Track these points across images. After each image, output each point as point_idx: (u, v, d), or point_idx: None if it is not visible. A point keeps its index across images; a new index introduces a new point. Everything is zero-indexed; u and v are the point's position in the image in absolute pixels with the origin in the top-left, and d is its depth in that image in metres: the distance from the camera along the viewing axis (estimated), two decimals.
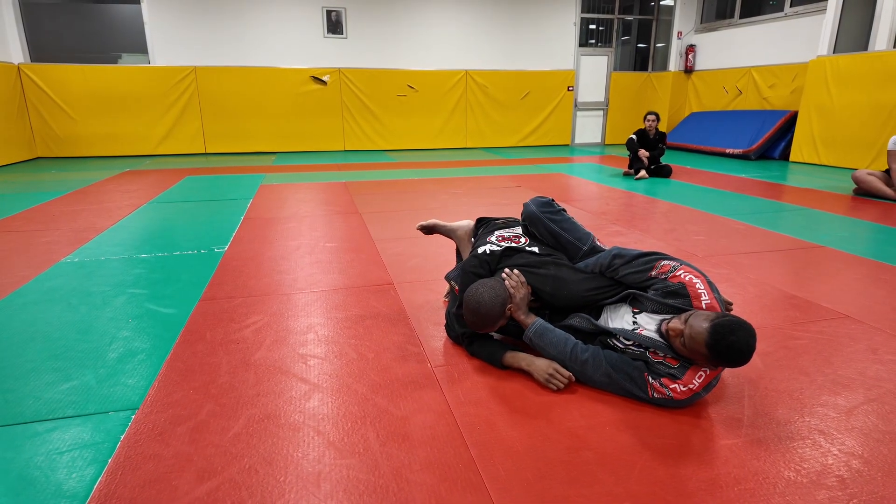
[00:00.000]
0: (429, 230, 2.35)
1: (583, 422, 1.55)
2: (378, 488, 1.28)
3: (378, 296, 2.54)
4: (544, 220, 1.99)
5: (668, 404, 1.60)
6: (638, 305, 1.74)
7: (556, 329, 1.78)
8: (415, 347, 2.02)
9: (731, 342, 1.41)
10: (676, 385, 1.56)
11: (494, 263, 1.94)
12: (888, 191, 4.87)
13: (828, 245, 3.40)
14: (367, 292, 2.59)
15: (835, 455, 1.40)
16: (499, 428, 1.52)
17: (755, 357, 1.91)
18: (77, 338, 2.10)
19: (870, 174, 5.05)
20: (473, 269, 1.93)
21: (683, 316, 1.55)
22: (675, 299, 1.64)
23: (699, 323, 1.47)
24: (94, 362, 1.90)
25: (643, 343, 1.65)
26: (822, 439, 1.47)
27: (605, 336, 1.76)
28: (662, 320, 1.65)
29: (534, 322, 1.79)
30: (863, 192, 5.10)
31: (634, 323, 1.72)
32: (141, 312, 2.35)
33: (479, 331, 1.82)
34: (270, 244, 3.43)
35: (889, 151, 4.94)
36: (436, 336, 2.10)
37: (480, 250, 1.98)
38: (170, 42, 8.40)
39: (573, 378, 1.71)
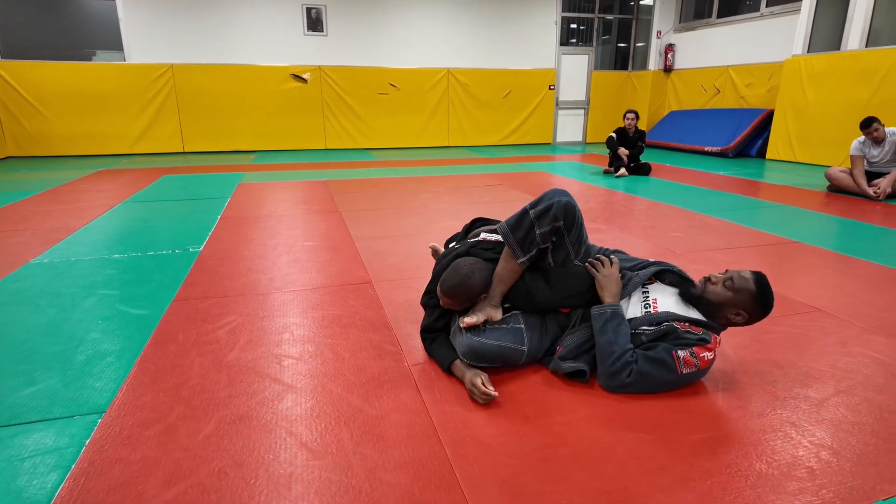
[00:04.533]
0: None
1: (559, 418, 1.55)
2: (350, 489, 1.26)
3: (356, 295, 2.52)
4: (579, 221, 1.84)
5: (692, 378, 1.67)
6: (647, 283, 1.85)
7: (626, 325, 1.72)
8: (392, 346, 2.00)
9: (769, 287, 1.69)
10: (706, 353, 1.65)
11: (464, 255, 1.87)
12: (859, 189, 4.97)
13: (801, 240, 3.46)
14: (345, 291, 2.56)
15: (805, 447, 1.42)
16: (474, 425, 1.51)
17: (730, 350, 1.94)
18: (44, 340, 2.04)
19: (842, 171, 5.16)
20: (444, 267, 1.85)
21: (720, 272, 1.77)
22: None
23: (744, 271, 1.72)
24: (61, 365, 1.85)
25: (668, 318, 1.70)
26: (794, 431, 1.49)
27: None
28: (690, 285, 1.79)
29: (615, 304, 1.73)
30: (836, 189, 5.20)
31: (645, 299, 1.78)
32: (111, 314, 2.29)
33: (445, 299, 1.73)
34: (247, 243, 3.38)
35: (851, 157, 5.05)
36: (413, 335, 2.08)
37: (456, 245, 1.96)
38: (145, 39, 8.25)
39: (495, 396, 1.60)
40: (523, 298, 1.78)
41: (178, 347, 1.97)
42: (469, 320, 1.69)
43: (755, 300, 1.67)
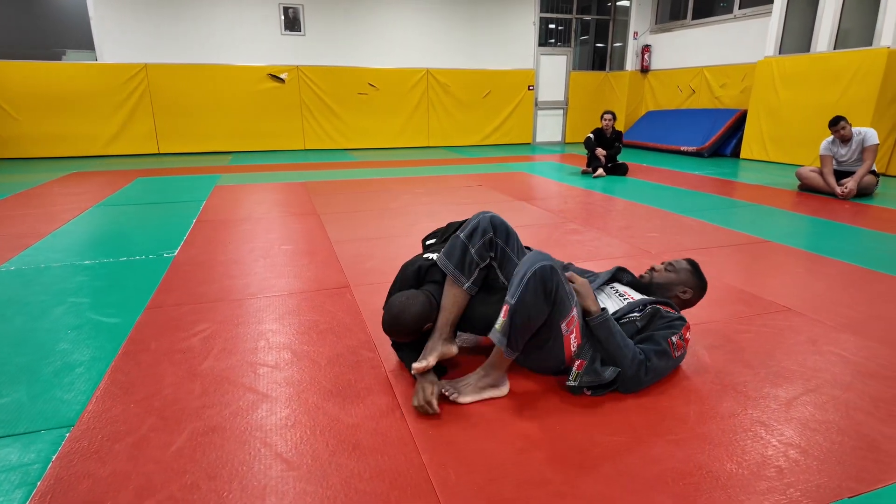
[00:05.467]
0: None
1: (534, 422, 1.56)
2: (326, 499, 1.26)
3: (334, 299, 2.50)
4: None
5: (679, 361, 1.78)
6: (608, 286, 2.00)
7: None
8: (369, 352, 1.99)
9: (699, 266, 2.00)
10: (688, 334, 1.79)
11: (423, 274, 1.88)
12: (828, 187, 5.10)
13: (773, 240, 3.53)
14: (322, 296, 2.54)
15: (774, 446, 1.45)
16: (451, 432, 1.51)
17: (702, 351, 1.97)
18: (10, 351, 1.98)
19: (812, 171, 5.28)
20: (406, 280, 1.88)
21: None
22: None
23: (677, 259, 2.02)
24: (28, 378, 1.80)
25: (648, 302, 1.82)
26: (763, 431, 1.52)
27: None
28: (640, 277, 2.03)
29: (603, 312, 1.72)
30: (807, 188, 5.33)
31: (617, 292, 1.91)
32: (81, 322, 2.24)
33: (390, 335, 1.75)
34: (223, 248, 3.33)
35: (820, 156, 5.18)
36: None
37: (426, 255, 1.94)
38: (118, 38, 8.08)
39: (434, 413, 1.57)
40: (486, 322, 1.73)
41: (151, 357, 1.94)
42: (418, 366, 1.62)
43: (694, 276, 1.96)
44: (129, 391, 1.71)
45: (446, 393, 1.64)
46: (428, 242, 2.17)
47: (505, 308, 1.58)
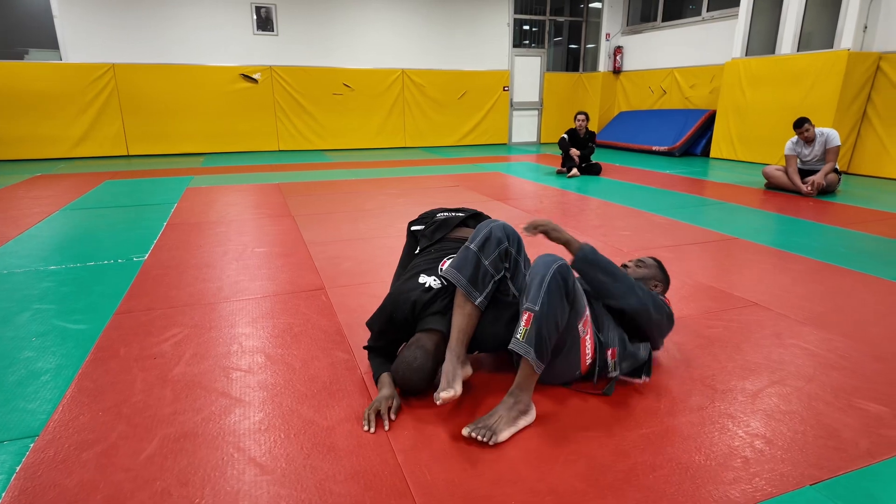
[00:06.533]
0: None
1: None
2: (300, 503, 1.25)
3: (308, 302, 2.48)
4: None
5: (672, 318, 1.84)
6: None
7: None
8: (344, 354, 1.98)
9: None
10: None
11: (419, 309, 1.72)
12: (793, 186, 5.25)
13: (741, 237, 3.63)
14: (297, 298, 2.52)
15: (741, 437, 1.49)
16: (426, 431, 1.52)
17: (673, 347, 2.02)
18: None
19: (778, 170, 5.44)
20: (399, 310, 1.74)
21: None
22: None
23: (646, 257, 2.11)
24: None
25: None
26: (730, 423, 1.56)
27: None
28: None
29: (581, 247, 1.71)
30: (773, 186, 5.48)
31: None
32: (47, 329, 2.18)
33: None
34: (195, 251, 3.27)
35: (785, 156, 5.35)
36: (367, 341, 2.07)
37: (422, 281, 1.78)
38: (83, 37, 7.86)
39: (382, 428, 1.53)
40: (497, 339, 1.70)
41: (120, 363, 1.90)
42: (446, 396, 1.49)
43: (660, 270, 2.04)
44: (98, 399, 1.67)
45: (480, 437, 1.45)
46: (413, 228, 2.14)
47: (527, 316, 1.48)
